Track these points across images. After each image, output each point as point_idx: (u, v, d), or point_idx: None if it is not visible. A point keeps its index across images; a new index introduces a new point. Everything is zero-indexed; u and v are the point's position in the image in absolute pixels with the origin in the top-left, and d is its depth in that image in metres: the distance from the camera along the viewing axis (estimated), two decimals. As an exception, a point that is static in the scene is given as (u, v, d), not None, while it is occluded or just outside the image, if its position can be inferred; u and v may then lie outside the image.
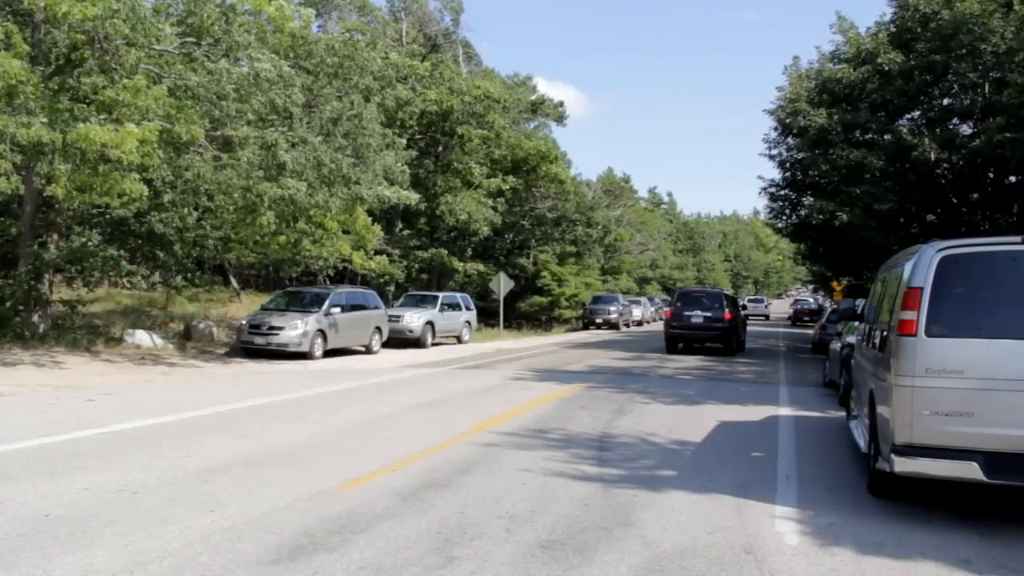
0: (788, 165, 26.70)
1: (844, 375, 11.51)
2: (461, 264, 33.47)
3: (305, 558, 4.59)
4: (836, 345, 13.71)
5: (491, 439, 8.49)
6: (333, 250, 22.66)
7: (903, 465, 5.55)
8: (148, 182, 15.83)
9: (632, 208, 63.22)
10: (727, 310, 22.57)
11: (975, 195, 23.07)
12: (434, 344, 23.54)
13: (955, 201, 23.17)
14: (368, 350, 20.12)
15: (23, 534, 4.88)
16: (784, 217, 30.00)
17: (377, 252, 27.52)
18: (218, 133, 15.38)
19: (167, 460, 7.02)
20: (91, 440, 7.84)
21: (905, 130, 22.32)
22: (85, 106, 13.49)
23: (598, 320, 38.21)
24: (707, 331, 22.51)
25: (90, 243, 16.40)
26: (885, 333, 6.37)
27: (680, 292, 25.61)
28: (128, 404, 10.31)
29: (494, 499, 6.00)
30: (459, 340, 25.37)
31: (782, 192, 28.64)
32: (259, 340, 17.56)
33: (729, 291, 44.09)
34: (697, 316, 22.50)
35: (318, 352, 17.95)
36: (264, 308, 19.47)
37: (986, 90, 20.42)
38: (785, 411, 11.38)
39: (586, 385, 13.97)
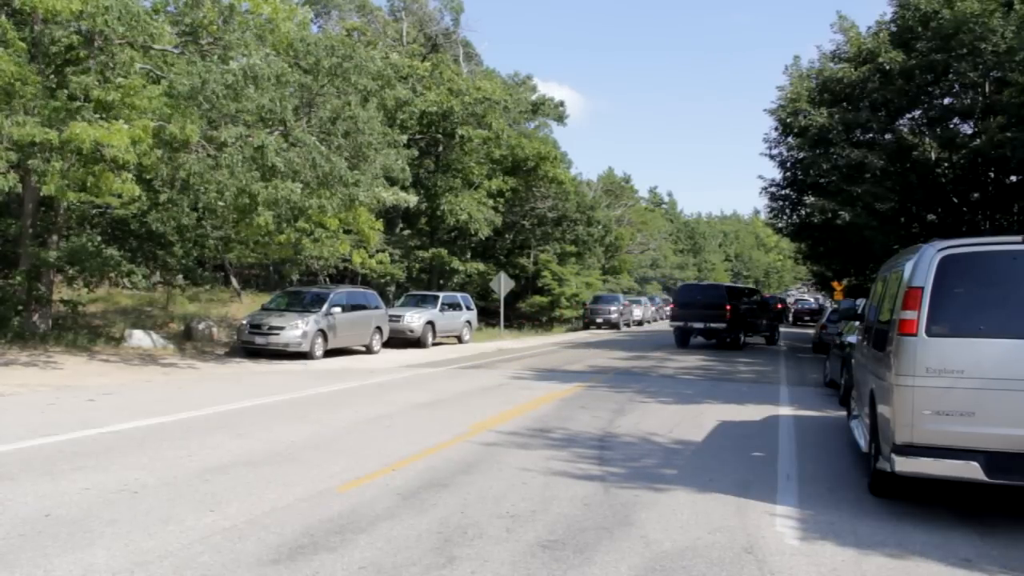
0: (789, 165, 26.73)
1: (845, 375, 11.51)
2: (461, 264, 33.46)
3: (305, 558, 4.60)
4: (837, 345, 13.71)
5: (492, 439, 8.49)
6: (333, 250, 22.62)
7: (904, 465, 5.55)
8: (147, 182, 15.81)
9: (632, 208, 63.18)
10: (778, 303, 44.35)
11: (976, 195, 23.07)
12: (435, 344, 23.54)
13: (956, 201, 23.16)
14: (369, 350, 20.12)
15: (24, 534, 4.88)
16: (785, 217, 30.04)
17: (378, 251, 27.50)
18: (215, 132, 15.33)
19: (168, 460, 7.02)
20: (92, 440, 7.84)
21: (906, 129, 22.32)
22: (83, 103, 13.46)
23: (599, 320, 38.22)
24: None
25: (90, 243, 16.39)
26: (886, 333, 6.37)
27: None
28: (128, 404, 10.31)
29: (495, 499, 6.00)
30: (460, 340, 25.36)
31: (783, 192, 28.68)
32: (260, 340, 17.57)
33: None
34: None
35: (318, 352, 17.96)
36: (265, 308, 19.46)
37: (987, 89, 20.42)
38: (786, 411, 11.37)
39: (587, 385, 13.97)
